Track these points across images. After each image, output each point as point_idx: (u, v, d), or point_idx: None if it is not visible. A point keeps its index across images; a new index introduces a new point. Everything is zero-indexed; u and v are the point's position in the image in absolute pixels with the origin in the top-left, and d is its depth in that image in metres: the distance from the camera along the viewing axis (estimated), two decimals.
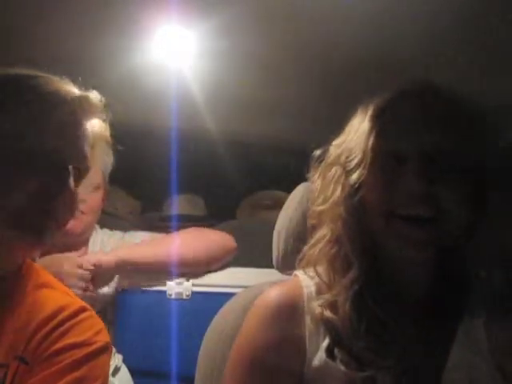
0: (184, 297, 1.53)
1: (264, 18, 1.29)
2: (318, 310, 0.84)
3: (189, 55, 1.49)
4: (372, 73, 1.44)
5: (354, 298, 0.82)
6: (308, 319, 0.84)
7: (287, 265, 1.03)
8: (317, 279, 0.88)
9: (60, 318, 0.83)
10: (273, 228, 1.11)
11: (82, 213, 1.55)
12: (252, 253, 1.63)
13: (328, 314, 0.82)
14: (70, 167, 0.84)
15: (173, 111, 1.70)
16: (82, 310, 0.86)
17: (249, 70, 1.55)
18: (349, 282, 0.83)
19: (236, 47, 1.41)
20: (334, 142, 0.91)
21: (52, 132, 0.81)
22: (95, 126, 0.91)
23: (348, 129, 0.90)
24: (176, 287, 1.53)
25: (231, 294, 1.12)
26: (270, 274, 1.15)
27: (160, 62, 1.52)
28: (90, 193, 1.61)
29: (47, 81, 0.86)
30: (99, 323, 0.87)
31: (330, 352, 0.81)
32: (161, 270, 1.53)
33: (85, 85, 0.89)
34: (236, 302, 1.08)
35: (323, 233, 0.88)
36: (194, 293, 1.54)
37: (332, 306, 0.83)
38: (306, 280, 0.89)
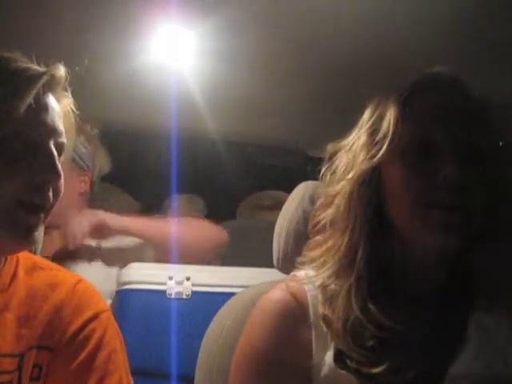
0: (184, 296, 1.53)
1: (264, 18, 1.29)
2: (324, 317, 0.82)
3: (189, 55, 1.49)
4: (372, 74, 1.44)
5: (359, 306, 0.80)
6: (313, 324, 0.83)
7: (288, 264, 1.03)
8: (319, 282, 0.86)
9: (62, 296, 0.85)
10: (272, 228, 1.11)
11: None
12: (252, 253, 1.63)
13: (335, 322, 0.80)
14: (52, 145, 0.79)
15: (173, 111, 1.70)
16: (77, 281, 0.89)
17: (249, 70, 1.55)
18: (353, 287, 0.81)
19: (236, 47, 1.41)
20: (345, 141, 0.90)
21: (26, 114, 0.76)
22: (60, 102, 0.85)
23: (361, 123, 0.89)
24: (176, 287, 1.53)
25: (231, 294, 1.12)
26: (270, 274, 1.15)
27: (160, 62, 1.52)
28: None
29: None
30: (94, 288, 0.91)
31: (338, 360, 0.79)
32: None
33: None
34: (236, 301, 1.08)
35: (330, 233, 0.87)
36: (194, 292, 1.54)
37: (337, 313, 0.81)
38: (308, 283, 0.87)
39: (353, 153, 0.87)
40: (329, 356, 0.80)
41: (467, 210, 0.79)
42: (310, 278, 0.87)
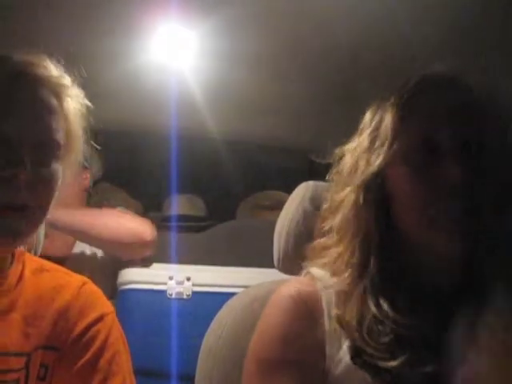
0: (184, 296, 1.53)
1: (265, 17, 1.30)
2: (337, 316, 0.82)
3: (189, 55, 1.49)
4: (372, 74, 1.44)
5: (374, 304, 0.80)
6: (327, 322, 0.83)
7: (288, 265, 1.03)
8: (333, 281, 0.85)
9: (68, 297, 0.86)
10: (273, 228, 1.11)
11: None
12: (252, 253, 1.63)
13: (349, 321, 0.80)
14: (28, 145, 0.77)
15: (173, 111, 1.71)
16: (83, 283, 0.90)
17: (249, 70, 1.55)
18: (368, 287, 0.81)
19: (237, 47, 1.41)
20: (349, 145, 0.89)
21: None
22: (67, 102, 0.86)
23: (362, 127, 0.88)
24: (176, 287, 1.54)
25: (231, 294, 1.12)
26: (271, 275, 1.15)
27: (160, 61, 1.52)
28: None
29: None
30: (99, 290, 0.92)
31: (353, 355, 0.79)
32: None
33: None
34: (236, 301, 1.08)
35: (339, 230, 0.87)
36: (194, 292, 1.54)
37: (351, 312, 0.81)
38: (322, 281, 0.86)
39: (355, 158, 0.86)
40: (343, 351, 0.80)
41: (474, 213, 0.77)
42: (322, 277, 0.87)
